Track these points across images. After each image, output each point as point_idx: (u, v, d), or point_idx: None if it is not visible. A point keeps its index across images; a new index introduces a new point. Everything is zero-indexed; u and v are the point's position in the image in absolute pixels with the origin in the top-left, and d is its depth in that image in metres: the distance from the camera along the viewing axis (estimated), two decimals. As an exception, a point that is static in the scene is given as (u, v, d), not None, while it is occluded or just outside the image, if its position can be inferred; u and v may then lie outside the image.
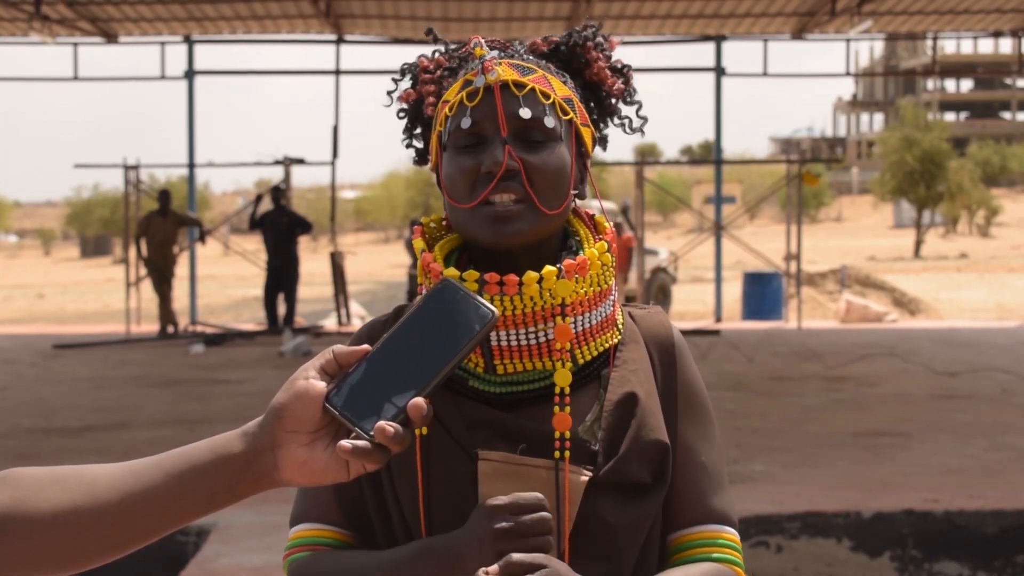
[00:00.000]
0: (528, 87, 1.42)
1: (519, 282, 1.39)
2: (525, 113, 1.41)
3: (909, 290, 23.20)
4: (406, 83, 1.54)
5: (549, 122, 1.42)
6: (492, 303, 1.37)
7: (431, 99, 1.49)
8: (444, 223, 1.53)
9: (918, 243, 46.24)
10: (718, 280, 18.00)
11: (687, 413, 1.50)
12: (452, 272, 1.39)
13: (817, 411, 9.17)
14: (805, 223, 32.60)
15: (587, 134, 1.49)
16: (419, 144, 1.55)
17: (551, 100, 1.43)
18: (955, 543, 5.87)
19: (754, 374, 11.05)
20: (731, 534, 1.49)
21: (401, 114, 1.54)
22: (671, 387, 1.50)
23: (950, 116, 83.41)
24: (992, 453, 7.44)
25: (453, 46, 1.53)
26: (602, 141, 1.55)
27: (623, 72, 1.53)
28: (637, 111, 1.54)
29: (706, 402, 1.54)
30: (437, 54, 1.52)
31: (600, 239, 1.48)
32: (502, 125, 1.40)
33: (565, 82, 1.47)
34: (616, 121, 1.54)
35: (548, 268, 1.40)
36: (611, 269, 1.46)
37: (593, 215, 1.53)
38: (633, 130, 1.55)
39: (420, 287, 1.45)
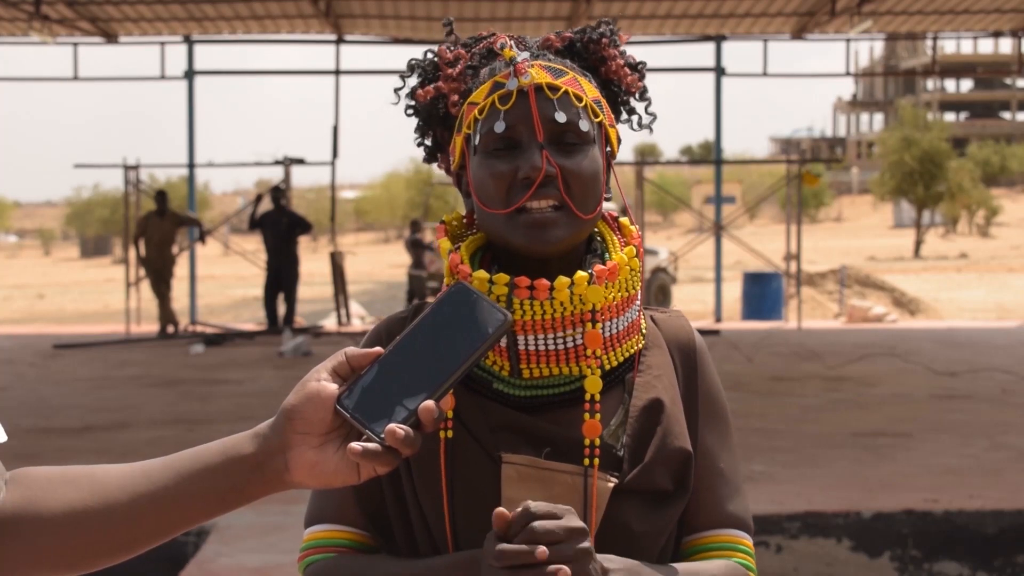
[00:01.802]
0: (562, 90, 1.40)
1: (550, 287, 1.37)
2: (560, 117, 1.38)
3: (909, 290, 23.20)
4: (414, 80, 1.49)
5: (583, 126, 1.39)
6: (522, 307, 1.36)
7: (455, 97, 1.45)
8: (465, 221, 1.51)
9: (918, 243, 46.23)
10: (718, 280, 17.99)
11: (708, 419, 1.50)
12: (481, 275, 1.37)
13: (817, 411, 9.17)
14: (805, 223, 32.62)
15: (613, 135, 1.47)
16: (428, 142, 1.52)
17: (583, 103, 1.41)
18: (955, 543, 5.87)
19: (754, 374, 11.05)
20: (748, 541, 1.48)
21: (409, 111, 1.50)
22: (693, 393, 1.49)
23: (950, 116, 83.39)
24: (992, 453, 7.44)
25: (468, 40, 1.49)
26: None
27: (638, 69, 1.51)
28: (646, 108, 1.53)
29: (725, 408, 1.53)
30: (452, 48, 1.48)
31: (626, 242, 1.47)
32: (538, 130, 1.38)
33: (591, 82, 1.45)
34: (623, 117, 1.52)
35: (580, 274, 1.38)
36: (638, 274, 1.45)
37: (617, 217, 1.52)
38: (641, 126, 1.53)
39: (446, 287, 1.43)
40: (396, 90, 1.50)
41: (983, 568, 5.86)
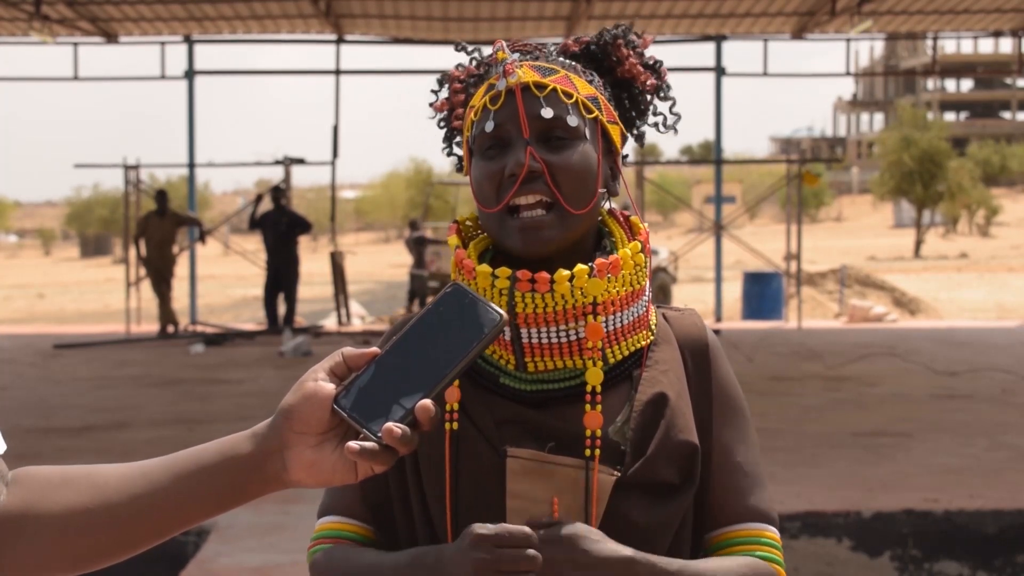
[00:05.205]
0: (549, 88, 1.42)
1: (551, 280, 1.39)
2: (547, 113, 1.41)
3: (909, 290, 23.18)
4: (444, 92, 1.55)
5: (572, 121, 1.42)
6: (524, 300, 1.39)
7: (459, 110, 1.51)
8: (479, 221, 1.54)
9: (918, 243, 46.24)
10: (718, 280, 18.00)
11: (723, 414, 1.51)
12: (484, 268, 1.40)
13: (817, 411, 9.17)
14: (805, 223, 32.59)
15: (615, 131, 1.48)
16: (459, 151, 1.56)
17: (573, 99, 1.43)
18: (955, 543, 5.87)
19: (754, 374, 11.04)
20: (773, 533, 1.49)
21: (442, 124, 1.55)
22: (706, 389, 1.51)
23: (950, 116, 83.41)
24: (992, 453, 7.45)
25: (485, 54, 1.53)
26: (639, 138, 1.55)
27: (655, 68, 1.53)
28: (671, 108, 1.54)
29: (742, 403, 1.54)
30: (473, 62, 1.52)
31: (634, 239, 1.48)
32: (524, 127, 1.41)
33: (591, 81, 1.47)
34: (650, 120, 1.54)
35: (580, 266, 1.40)
36: (644, 270, 1.46)
37: (628, 215, 1.53)
38: (667, 127, 1.55)
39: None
40: (431, 104, 1.56)
41: (983, 568, 5.86)
